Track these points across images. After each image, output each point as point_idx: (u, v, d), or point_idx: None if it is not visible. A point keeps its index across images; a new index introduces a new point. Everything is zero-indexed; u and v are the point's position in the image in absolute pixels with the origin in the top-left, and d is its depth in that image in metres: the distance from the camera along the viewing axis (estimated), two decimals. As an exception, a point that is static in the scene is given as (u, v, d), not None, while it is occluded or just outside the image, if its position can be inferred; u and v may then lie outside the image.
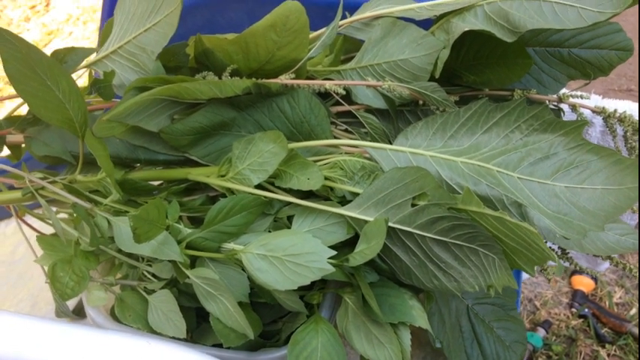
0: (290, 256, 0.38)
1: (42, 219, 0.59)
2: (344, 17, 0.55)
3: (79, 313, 0.67)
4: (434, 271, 0.40)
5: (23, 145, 0.55)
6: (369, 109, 0.52)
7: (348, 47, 0.58)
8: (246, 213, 0.44)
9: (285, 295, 0.41)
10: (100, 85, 0.48)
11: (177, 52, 0.49)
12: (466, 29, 0.44)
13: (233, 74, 0.49)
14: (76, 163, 0.49)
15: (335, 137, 0.52)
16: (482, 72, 0.49)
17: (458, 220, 0.37)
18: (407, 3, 0.54)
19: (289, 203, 0.45)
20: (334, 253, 0.38)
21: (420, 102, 0.49)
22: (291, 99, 0.48)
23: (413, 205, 0.40)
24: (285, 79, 0.48)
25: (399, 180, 0.40)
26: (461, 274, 0.39)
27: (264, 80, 0.47)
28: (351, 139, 0.52)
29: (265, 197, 0.44)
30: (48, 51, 0.47)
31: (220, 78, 0.49)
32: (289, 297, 0.41)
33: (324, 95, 0.51)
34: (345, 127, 0.54)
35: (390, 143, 0.49)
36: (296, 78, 0.49)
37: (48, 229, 0.57)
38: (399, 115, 0.54)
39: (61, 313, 0.68)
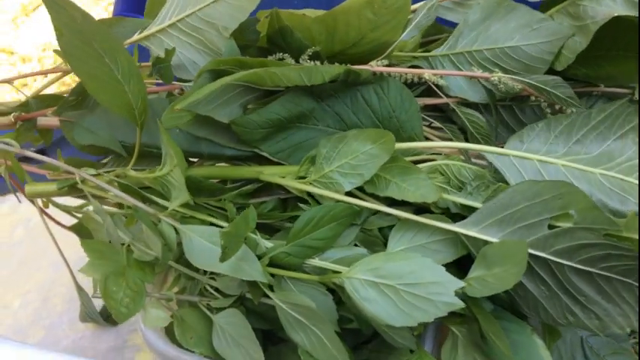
0: (407, 286, 0.31)
1: (69, 212, 0.51)
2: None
3: (108, 318, 0.60)
4: (569, 305, 0.34)
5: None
6: (463, 102, 0.45)
7: (427, 30, 0.51)
8: (336, 224, 0.37)
9: (395, 329, 0.34)
10: (161, 65, 0.40)
11: (246, 29, 0.42)
12: (615, 14, 0.37)
13: (313, 58, 0.42)
14: (126, 155, 0.41)
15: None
16: (599, 65, 0.42)
17: (615, 250, 0.31)
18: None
19: (377, 212, 0.39)
20: (462, 284, 0.32)
21: (533, 98, 0.42)
22: (380, 89, 0.41)
23: (550, 227, 0.33)
24: (377, 65, 0.40)
25: (534, 195, 0.33)
26: (606, 311, 0.33)
27: (355, 66, 0.40)
28: (443, 138, 0.45)
29: (358, 206, 0.37)
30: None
31: (298, 61, 0.42)
32: (400, 332, 0.34)
33: (409, 85, 0.44)
34: (430, 121, 0.47)
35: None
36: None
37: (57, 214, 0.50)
38: (488, 109, 0.47)
39: (87, 317, 0.61)
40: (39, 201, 0.50)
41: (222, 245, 0.31)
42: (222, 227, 0.37)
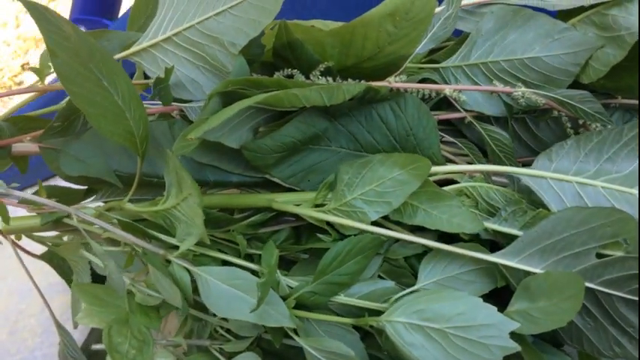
0: (457, 329, 0.29)
1: (43, 242, 0.46)
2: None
3: (90, 356, 0.55)
4: (616, 336, 0.32)
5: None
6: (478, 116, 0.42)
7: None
8: (361, 257, 0.34)
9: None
10: (160, 86, 0.36)
11: (250, 43, 0.38)
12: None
13: (325, 73, 0.38)
14: (122, 186, 0.37)
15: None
16: (619, 76, 0.41)
17: (670, 280, 0.29)
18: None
19: (398, 239, 0.36)
20: (517, 325, 0.29)
21: (555, 113, 0.40)
22: (397, 106, 0.38)
23: (598, 256, 0.31)
24: (395, 81, 0.37)
25: (580, 223, 0.31)
26: (657, 342, 0.31)
27: (374, 82, 0.36)
28: (458, 154, 0.43)
29: (385, 236, 0.34)
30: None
31: (308, 77, 0.38)
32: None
33: (424, 100, 0.42)
34: (442, 136, 0.44)
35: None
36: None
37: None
38: (500, 122, 0.45)
39: (67, 357, 0.55)
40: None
41: (259, 297, 0.27)
42: (236, 265, 0.34)
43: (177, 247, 0.35)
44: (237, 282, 0.31)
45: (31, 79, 1.77)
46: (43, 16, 0.28)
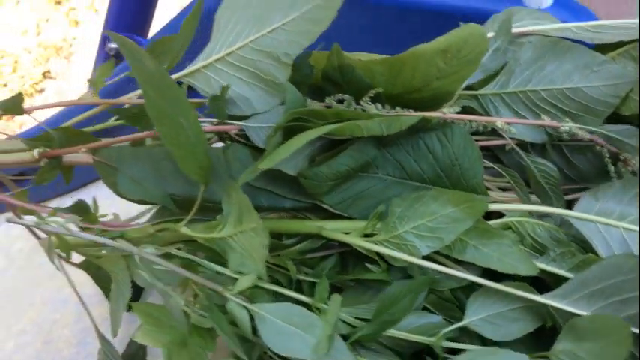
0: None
1: (83, 253, 0.47)
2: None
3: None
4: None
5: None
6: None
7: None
8: (413, 295, 0.35)
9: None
10: (217, 103, 0.37)
11: (299, 63, 0.39)
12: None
13: (374, 99, 0.39)
14: (177, 211, 0.38)
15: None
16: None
17: None
18: (551, 20, 0.46)
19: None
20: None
21: (598, 148, 0.41)
22: (443, 137, 0.39)
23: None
24: (448, 112, 0.38)
25: (630, 270, 0.32)
26: None
27: (427, 113, 0.38)
28: (497, 182, 0.44)
29: (440, 272, 0.35)
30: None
31: (358, 103, 0.40)
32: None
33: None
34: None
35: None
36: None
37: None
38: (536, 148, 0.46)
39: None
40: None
41: (323, 342, 0.29)
42: (288, 297, 0.35)
43: (229, 276, 0.36)
44: (295, 319, 0.32)
45: (52, 86, 1.79)
46: (132, 54, 0.30)
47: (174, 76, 0.41)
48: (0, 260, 0.86)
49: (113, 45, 0.77)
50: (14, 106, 0.40)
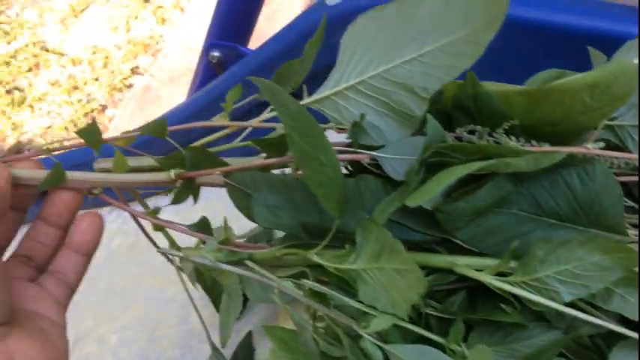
0: None
1: (209, 271, 0.49)
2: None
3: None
4: None
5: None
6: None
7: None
8: (557, 348, 0.34)
9: None
10: (356, 130, 0.37)
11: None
12: None
13: (508, 131, 0.38)
14: (307, 240, 0.39)
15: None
16: None
17: None
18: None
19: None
20: None
21: None
22: (584, 173, 0.37)
23: None
24: (593, 148, 0.37)
25: None
26: None
27: (571, 148, 0.36)
28: (633, 220, 0.42)
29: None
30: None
31: (491, 135, 0.39)
32: None
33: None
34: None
35: None
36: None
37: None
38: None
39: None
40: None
41: None
42: (424, 338, 0.35)
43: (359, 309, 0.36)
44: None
45: (139, 82, 1.87)
46: (276, 97, 0.30)
47: (302, 102, 0.42)
48: (100, 255, 0.89)
49: (216, 53, 0.79)
50: (91, 134, 0.40)
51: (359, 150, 0.39)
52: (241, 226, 0.52)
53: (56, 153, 0.41)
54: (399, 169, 0.36)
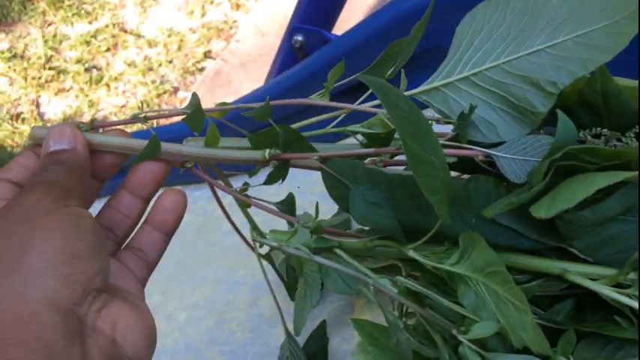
0: None
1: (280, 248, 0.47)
2: None
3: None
4: None
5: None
6: None
7: None
8: None
9: None
10: (464, 123, 0.35)
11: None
12: None
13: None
14: (404, 242, 0.37)
15: None
16: None
17: None
18: None
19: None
20: None
21: None
22: None
23: None
24: None
25: None
26: None
27: None
28: None
29: None
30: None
31: (620, 140, 0.35)
32: None
33: None
34: None
35: None
36: None
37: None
38: None
39: (290, 363, 0.58)
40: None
41: None
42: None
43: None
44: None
45: (211, 66, 1.89)
46: (388, 98, 0.28)
47: (407, 93, 0.40)
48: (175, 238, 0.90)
49: (299, 37, 0.78)
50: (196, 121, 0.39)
51: (472, 147, 0.36)
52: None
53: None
54: (519, 170, 0.34)
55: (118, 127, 0.39)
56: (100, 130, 0.39)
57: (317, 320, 0.58)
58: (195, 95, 0.38)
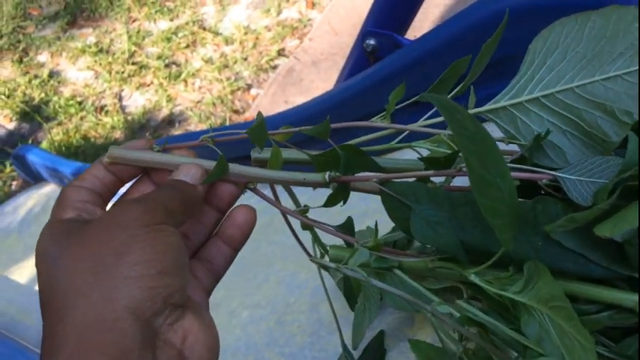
0: None
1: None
2: None
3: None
4: None
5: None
6: None
7: None
8: None
9: None
10: (534, 147, 0.34)
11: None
12: None
13: None
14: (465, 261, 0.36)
15: None
16: None
17: None
18: None
19: None
20: None
21: None
22: None
23: None
24: None
25: None
26: None
27: None
28: None
29: None
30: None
31: None
32: None
33: None
34: None
35: None
36: None
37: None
38: None
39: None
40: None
41: None
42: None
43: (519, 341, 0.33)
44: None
45: (284, 64, 1.92)
46: (454, 117, 0.28)
47: (473, 111, 0.39)
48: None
49: (371, 42, 0.78)
50: (258, 132, 0.40)
51: (537, 169, 0.35)
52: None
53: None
54: (586, 192, 0.32)
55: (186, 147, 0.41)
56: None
57: (376, 330, 0.58)
58: (260, 115, 0.38)
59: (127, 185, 0.41)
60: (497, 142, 0.38)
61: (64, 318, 0.29)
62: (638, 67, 0.31)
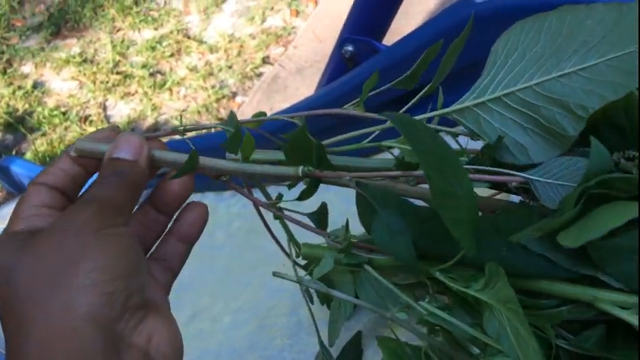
0: None
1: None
2: None
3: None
4: None
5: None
6: None
7: None
8: None
9: None
10: (488, 151, 0.35)
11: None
12: None
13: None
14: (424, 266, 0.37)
15: None
16: None
17: None
18: None
19: None
20: None
21: None
22: None
23: None
24: None
25: None
26: None
27: None
28: None
29: None
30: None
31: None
32: None
33: None
34: None
35: None
36: None
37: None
38: None
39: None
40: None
41: None
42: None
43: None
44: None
45: (269, 71, 1.93)
46: (411, 133, 0.29)
47: (439, 112, 0.40)
48: (219, 236, 0.91)
49: (349, 48, 0.79)
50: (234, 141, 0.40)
51: (505, 170, 0.36)
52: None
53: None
54: (555, 196, 0.33)
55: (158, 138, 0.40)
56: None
57: (353, 330, 0.59)
58: (232, 113, 0.39)
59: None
60: (464, 138, 0.39)
61: (24, 331, 0.29)
62: (592, 63, 0.32)
